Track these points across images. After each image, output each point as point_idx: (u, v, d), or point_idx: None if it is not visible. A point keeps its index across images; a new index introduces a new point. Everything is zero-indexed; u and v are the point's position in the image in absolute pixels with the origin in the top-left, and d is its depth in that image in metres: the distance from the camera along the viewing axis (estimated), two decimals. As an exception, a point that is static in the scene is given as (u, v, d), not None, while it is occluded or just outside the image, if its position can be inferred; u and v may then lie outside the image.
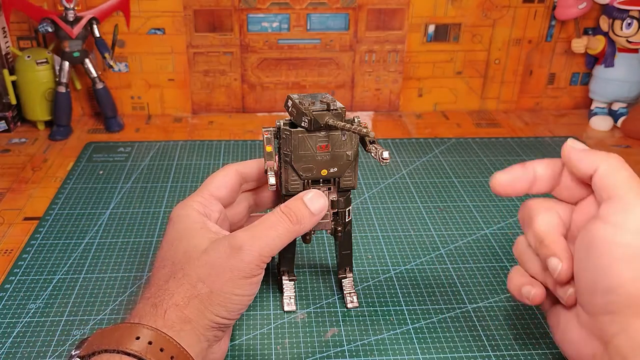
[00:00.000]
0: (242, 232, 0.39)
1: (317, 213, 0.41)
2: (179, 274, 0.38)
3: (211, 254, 0.39)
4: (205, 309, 0.37)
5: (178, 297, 0.37)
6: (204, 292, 0.37)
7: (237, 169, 0.46)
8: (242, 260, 0.38)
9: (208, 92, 0.88)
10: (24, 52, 0.79)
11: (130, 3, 0.80)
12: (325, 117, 0.41)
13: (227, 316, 0.38)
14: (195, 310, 0.37)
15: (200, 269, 0.38)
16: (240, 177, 0.46)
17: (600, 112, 0.87)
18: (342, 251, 0.49)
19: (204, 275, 0.38)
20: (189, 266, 0.38)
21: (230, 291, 0.38)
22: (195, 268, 0.38)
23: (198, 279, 0.38)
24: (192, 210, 0.42)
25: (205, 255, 0.39)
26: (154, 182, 0.69)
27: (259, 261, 0.38)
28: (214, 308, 0.37)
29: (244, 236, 0.39)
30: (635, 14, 0.79)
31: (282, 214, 0.40)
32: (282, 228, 0.40)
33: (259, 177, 0.48)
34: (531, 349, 0.45)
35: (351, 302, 0.49)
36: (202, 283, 0.38)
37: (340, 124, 0.40)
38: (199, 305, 0.37)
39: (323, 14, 0.83)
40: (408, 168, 0.73)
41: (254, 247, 0.38)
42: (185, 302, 0.37)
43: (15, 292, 0.50)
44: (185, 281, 0.38)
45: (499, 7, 0.85)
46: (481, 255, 0.56)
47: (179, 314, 0.37)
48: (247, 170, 0.47)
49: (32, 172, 0.71)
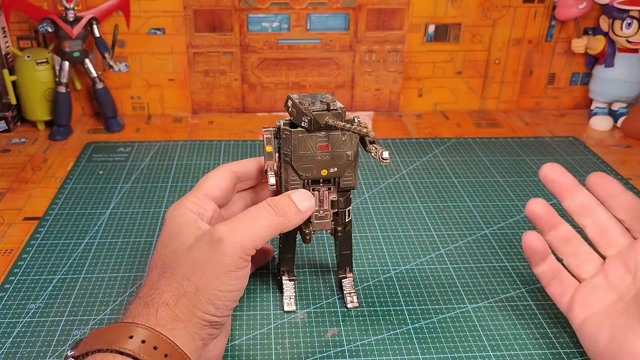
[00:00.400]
0: (224, 224, 0.39)
1: (304, 210, 0.41)
2: (168, 272, 0.38)
3: (194, 251, 0.38)
4: (194, 307, 0.37)
5: (167, 296, 0.37)
6: (190, 290, 0.37)
7: (232, 169, 0.46)
8: (223, 253, 0.37)
9: (208, 92, 0.88)
10: (24, 52, 0.79)
11: (130, 3, 0.80)
12: (325, 117, 0.41)
13: (216, 313, 0.38)
14: (185, 309, 0.37)
15: (185, 266, 0.38)
16: (235, 176, 0.46)
17: (600, 112, 0.87)
18: (342, 251, 0.49)
19: (188, 273, 0.38)
20: (176, 264, 0.38)
21: (215, 287, 0.37)
22: (180, 266, 0.38)
23: (184, 276, 0.38)
24: (185, 210, 0.42)
25: (189, 253, 0.38)
26: (154, 182, 0.69)
27: (241, 253, 0.38)
28: (202, 306, 0.37)
29: (224, 228, 0.38)
30: (635, 14, 0.79)
31: (267, 205, 0.40)
32: (266, 219, 0.39)
33: (256, 176, 0.48)
34: (531, 349, 0.45)
35: (351, 302, 0.49)
36: (187, 281, 0.37)
37: (340, 124, 0.40)
38: (187, 303, 0.37)
39: (323, 14, 0.83)
40: (408, 168, 0.73)
41: (236, 238, 0.38)
42: (174, 300, 0.37)
43: (15, 292, 0.50)
44: (173, 279, 0.38)
45: (499, 7, 0.85)
46: (481, 255, 0.56)
47: (170, 313, 0.37)
48: (242, 170, 0.47)
49: (32, 172, 0.71)
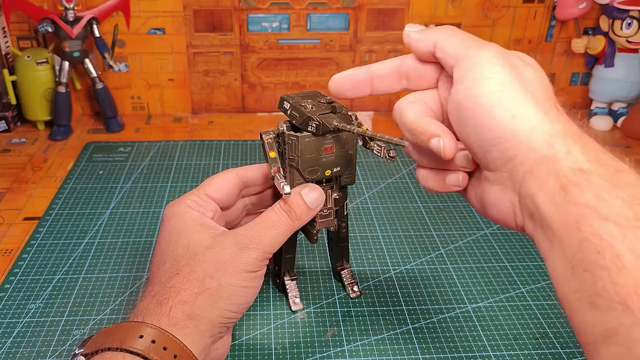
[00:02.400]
0: (247, 231, 0.40)
1: (314, 207, 0.42)
2: (185, 270, 0.39)
3: (216, 250, 0.39)
4: (215, 303, 0.38)
5: (185, 294, 0.38)
6: (213, 286, 0.38)
7: (238, 174, 0.46)
8: (248, 256, 0.39)
9: (208, 92, 0.88)
10: (24, 52, 0.79)
11: (130, 3, 0.80)
12: (332, 121, 0.40)
13: (234, 309, 0.39)
14: (205, 305, 0.38)
15: (207, 264, 0.39)
16: (241, 181, 0.47)
17: (600, 112, 0.87)
18: (340, 243, 0.49)
19: (211, 270, 0.38)
20: (194, 262, 0.39)
21: (237, 284, 0.39)
22: (201, 263, 0.39)
23: (205, 274, 0.38)
24: (186, 208, 0.43)
25: (210, 251, 0.39)
26: (154, 182, 0.69)
27: (262, 258, 0.40)
28: (223, 302, 0.38)
29: (248, 234, 0.40)
30: (635, 14, 0.79)
31: (282, 211, 0.41)
32: (283, 226, 0.41)
33: (262, 182, 0.48)
34: (531, 349, 0.45)
35: (353, 292, 0.50)
36: (210, 278, 0.38)
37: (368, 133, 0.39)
38: (208, 299, 0.38)
39: (323, 14, 0.83)
40: (408, 168, 0.73)
41: (259, 245, 0.40)
42: (193, 298, 0.37)
43: (15, 292, 0.50)
44: (192, 277, 0.38)
45: (499, 7, 0.85)
46: (481, 255, 0.56)
47: (186, 311, 0.37)
48: (248, 175, 0.47)
49: (32, 172, 0.71)
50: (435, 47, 0.36)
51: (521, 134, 0.31)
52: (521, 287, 0.52)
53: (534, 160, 0.30)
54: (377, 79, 0.39)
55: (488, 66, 0.33)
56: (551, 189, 0.29)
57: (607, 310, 0.26)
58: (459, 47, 0.35)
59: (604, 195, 0.27)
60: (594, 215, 0.27)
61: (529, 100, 0.32)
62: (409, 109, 0.37)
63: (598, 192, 0.27)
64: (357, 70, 0.39)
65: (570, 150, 0.30)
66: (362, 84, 0.39)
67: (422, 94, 0.38)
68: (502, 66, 0.33)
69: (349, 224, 0.53)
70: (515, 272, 0.54)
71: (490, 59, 0.33)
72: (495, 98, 0.32)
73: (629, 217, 0.26)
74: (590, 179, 0.28)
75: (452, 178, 0.37)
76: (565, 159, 0.29)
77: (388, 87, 0.39)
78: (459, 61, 0.34)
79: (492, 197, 0.34)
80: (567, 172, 0.29)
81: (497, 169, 0.33)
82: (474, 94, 0.33)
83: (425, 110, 0.37)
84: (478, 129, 0.33)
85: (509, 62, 0.33)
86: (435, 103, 0.38)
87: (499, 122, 0.32)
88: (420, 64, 0.38)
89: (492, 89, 0.32)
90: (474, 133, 0.33)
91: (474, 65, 0.33)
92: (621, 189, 0.27)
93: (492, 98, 0.32)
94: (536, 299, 0.51)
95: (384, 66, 0.39)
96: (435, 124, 0.35)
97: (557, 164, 0.29)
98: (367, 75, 0.39)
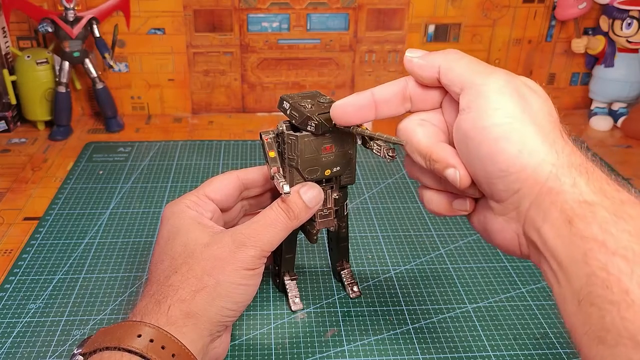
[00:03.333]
0: (244, 229, 0.40)
1: (313, 206, 0.42)
2: (183, 268, 0.39)
3: (214, 248, 0.39)
4: (213, 301, 0.38)
5: (183, 292, 0.38)
6: (210, 283, 0.38)
7: (239, 176, 0.47)
8: (246, 254, 0.39)
9: (208, 92, 0.88)
10: (24, 52, 0.79)
11: (130, 3, 0.80)
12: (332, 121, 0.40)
13: (233, 307, 0.39)
14: (203, 303, 0.38)
15: (205, 262, 0.39)
16: (241, 183, 0.47)
17: (600, 112, 0.87)
18: (339, 243, 0.49)
19: (209, 268, 0.39)
20: (193, 260, 0.39)
21: (236, 281, 0.39)
22: (199, 261, 0.39)
23: (204, 272, 0.38)
24: (185, 207, 0.43)
25: (208, 249, 0.39)
26: (154, 182, 0.69)
27: (260, 256, 0.40)
28: (221, 300, 0.38)
29: (246, 232, 0.40)
30: (635, 14, 0.79)
31: (280, 209, 0.41)
32: (281, 224, 0.41)
33: (262, 184, 0.48)
34: (531, 349, 0.45)
35: (353, 292, 0.50)
36: (208, 276, 0.38)
37: (367, 132, 0.39)
38: (206, 297, 0.38)
39: (323, 14, 0.83)
40: (408, 168, 0.73)
41: (257, 243, 0.40)
42: (191, 296, 0.38)
43: (15, 292, 0.50)
44: (191, 275, 0.38)
45: (499, 7, 0.85)
46: (481, 255, 0.56)
47: (184, 309, 0.37)
48: (249, 177, 0.47)
49: (32, 172, 0.71)
50: (439, 74, 0.35)
51: (528, 168, 0.31)
52: (521, 287, 0.52)
53: (540, 192, 0.30)
54: (381, 104, 0.38)
55: (495, 97, 0.32)
56: (557, 222, 0.29)
57: (616, 345, 0.25)
58: (465, 74, 0.34)
59: (610, 229, 0.27)
60: (601, 250, 0.27)
61: (537, 134, 0.31)
62: (419, 132, 0.36)
63: (604, 226, 0.27)
64: (359, 95, 0.38)
65: (576, 182, 0.29)
66: (366, 109, 0.38)
67: (429, 116, 0.37)
68: (510, 96, 0.32)
69: (349, 224, 0.53)
70: (515, 272, 0.54)
71: (498, 89, 0.32)
72: (502, 131, 0.31)
73: (637, 252, 0.26)
74: (595, 212, 0.28)
75: (460, 203, 0.37)
76: (570, 191, 0.29)
77: (392, 111, 0.38)
78: (465, 89, 0.33)
79: (497, 226, 0.34)
80: (573, 204, 0.29)
81: (501, 200, 0.33)
82: (480, 125, 0.32)
83: (437, 133, 0.36)
84: (484, 161, 0.32)
85: (517, 91, 0.32)
86: (442, 125, 0.37)
87: (506, 156, 0.31)
88: (424, 88, 0.37)
89: (500, 121, 0.31)
90: (479, 164, 0.33)
91: (481, 95, 0.32)
92: (627, 221, 0.27)
93: (500, 131, 0.31)
94: (536, 299, 0.51)
95: (387, 90, 0.38)
96: (450, 151, 0.35)
97: (562, 196, 0.29)
98: (370, 100, 0.38)
